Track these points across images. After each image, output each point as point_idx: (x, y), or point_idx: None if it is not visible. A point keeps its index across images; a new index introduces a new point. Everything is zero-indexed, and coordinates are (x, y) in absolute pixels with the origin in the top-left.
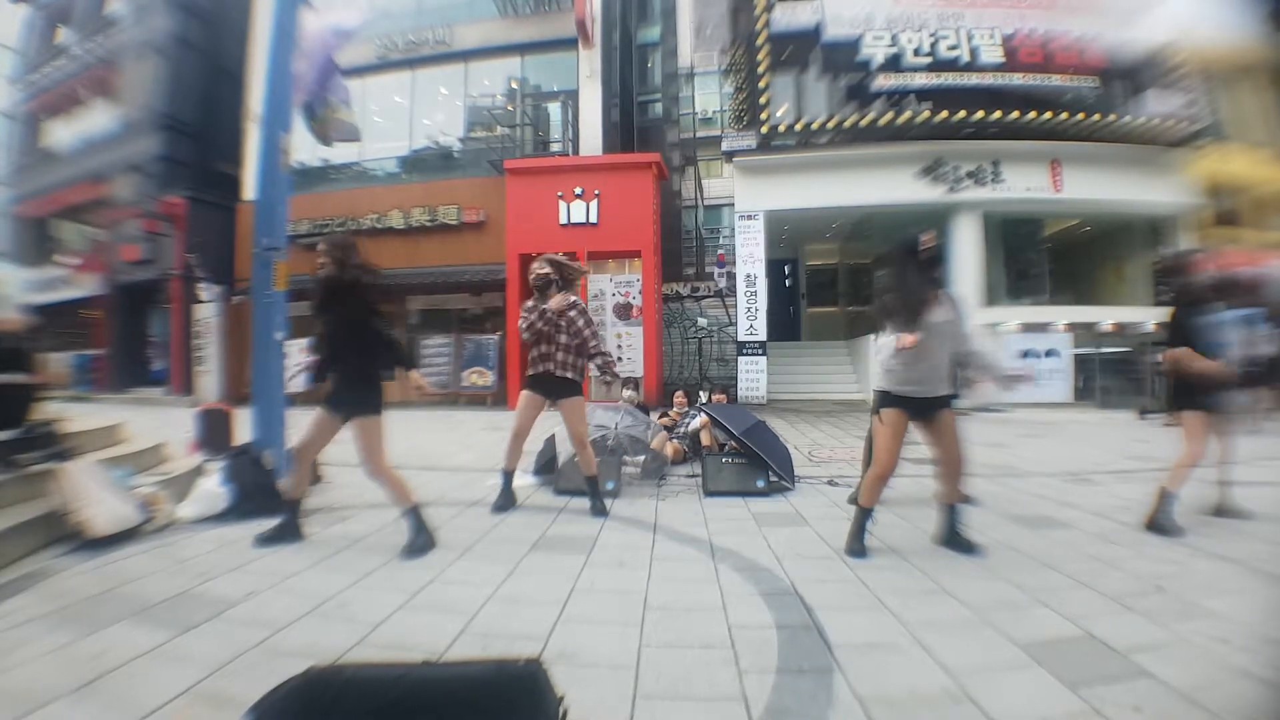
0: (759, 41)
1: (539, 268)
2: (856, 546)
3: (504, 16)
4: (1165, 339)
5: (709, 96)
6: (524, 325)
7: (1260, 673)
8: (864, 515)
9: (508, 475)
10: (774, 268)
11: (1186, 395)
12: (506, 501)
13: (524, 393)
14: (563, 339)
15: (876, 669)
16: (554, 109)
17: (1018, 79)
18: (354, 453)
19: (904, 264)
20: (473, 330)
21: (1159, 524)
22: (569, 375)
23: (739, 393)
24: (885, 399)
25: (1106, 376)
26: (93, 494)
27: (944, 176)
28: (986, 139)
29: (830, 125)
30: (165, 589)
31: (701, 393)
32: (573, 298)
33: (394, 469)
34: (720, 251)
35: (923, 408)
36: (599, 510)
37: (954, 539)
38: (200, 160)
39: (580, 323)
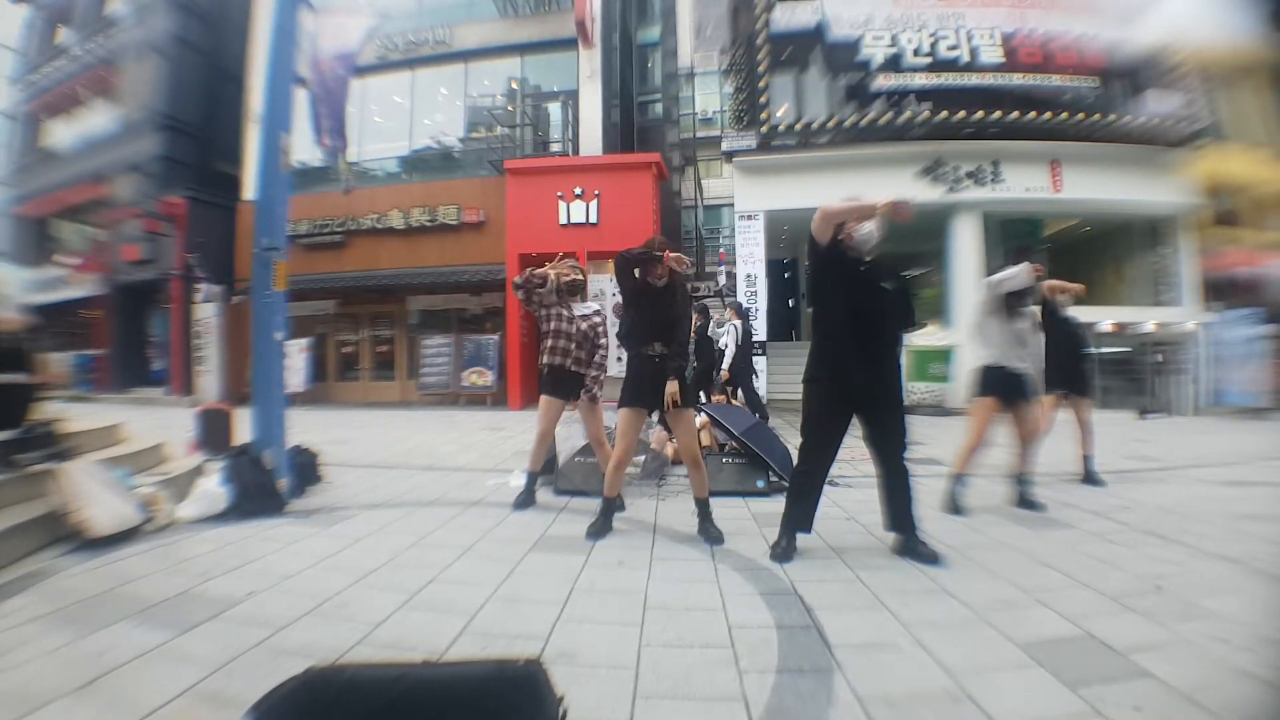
0: (759, 41)
1: (574, 273)
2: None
3: (504, 17)
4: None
5: (709, 96)
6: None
7: (1260, 673)
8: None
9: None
10: (775, 277)
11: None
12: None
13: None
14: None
15: (876, 669)
16: (554, 109)
17: (1017, 79)
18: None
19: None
20: (473, 330)
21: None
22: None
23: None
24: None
25: (1106, 377)
26: (93, 494)
27: (944, 176)
28: (986, 139)
29: (830, 125)
30: (165, 589)
31: (701, 393)
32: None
33: None
34: (721, 251)
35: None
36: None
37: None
38: (200, 160)
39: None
